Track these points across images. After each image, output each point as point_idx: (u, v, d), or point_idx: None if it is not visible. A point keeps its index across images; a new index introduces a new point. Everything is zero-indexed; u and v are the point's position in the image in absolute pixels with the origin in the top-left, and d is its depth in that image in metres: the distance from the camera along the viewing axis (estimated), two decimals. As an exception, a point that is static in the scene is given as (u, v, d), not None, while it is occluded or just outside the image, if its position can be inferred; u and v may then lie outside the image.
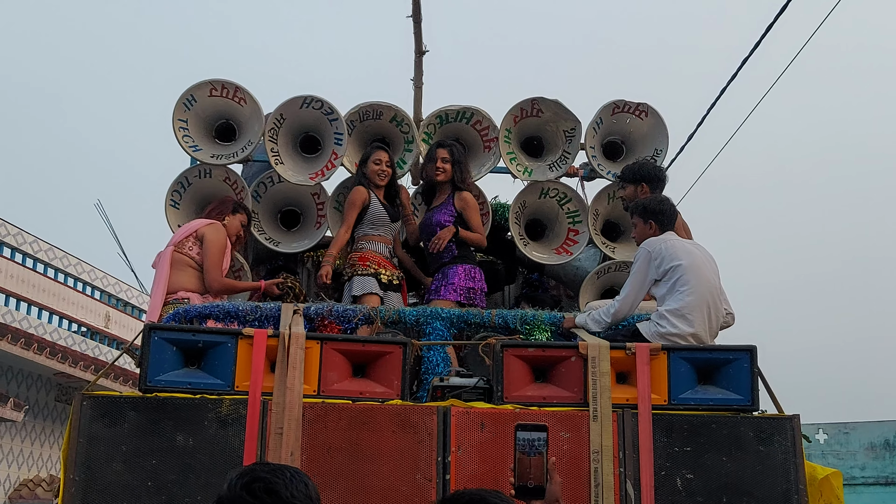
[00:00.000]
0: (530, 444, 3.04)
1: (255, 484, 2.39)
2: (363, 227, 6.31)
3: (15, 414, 17.45)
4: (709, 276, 5.17)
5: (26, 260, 21.09)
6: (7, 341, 17.51)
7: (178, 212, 6.61)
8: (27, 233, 21.14)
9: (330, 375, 4.53)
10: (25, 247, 21.06)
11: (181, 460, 4.26)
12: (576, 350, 4.65)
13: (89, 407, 4.30)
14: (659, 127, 6.86)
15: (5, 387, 19.11)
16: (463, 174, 6.38)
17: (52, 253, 22.01)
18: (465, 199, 6.30)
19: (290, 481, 2.39)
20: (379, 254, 6.27)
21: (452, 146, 6.42)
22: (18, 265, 20.45)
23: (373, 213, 6.31)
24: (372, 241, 6.30)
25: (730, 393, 4.65)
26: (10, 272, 19.86)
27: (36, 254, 21.38)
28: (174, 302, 5.73)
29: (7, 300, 19.65)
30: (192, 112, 6.53)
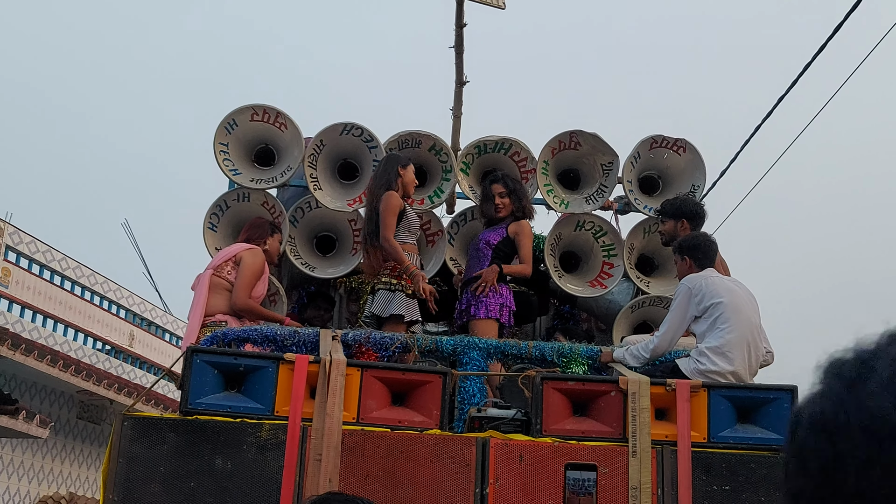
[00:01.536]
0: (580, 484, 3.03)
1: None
2: (399, 235, 6.09)
3: (41, 430, 17.49)
4: (749, 314, 5.15)
5: (54, 277, 21.19)
6: (33, 357, 17.59)
7: (215, 234, 6.65)
8: (56, 250, 21.26)
9: (369, 403, 4.53)
10: (54, 264, 21.18)
11: (219, 484, 4.26)
12: (616, 385, 4.63)
13: (130, 427, 4.32)
14: (696, 163, 6.86)
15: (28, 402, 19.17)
16: (522, 202, 6.37)
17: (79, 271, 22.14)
18: (520, 226, 6.29)
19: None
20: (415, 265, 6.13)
21: (505, 178, 6.42)
22: (46, 282, 20.55)
23: (410, 220, 6.16)
24: (407, 251, 6.12)
25: (769, 432, 4.62)
26: (37, 289, 19.97)
27: (64, 271, 21.48)
28: (211, 325, 5.75)
29: (34, 317, 19.76)
30: (233, 136, 6.58)
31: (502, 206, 6.34)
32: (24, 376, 19.12)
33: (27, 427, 17.13)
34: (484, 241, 6.29)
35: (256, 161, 6.78)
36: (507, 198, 6.34)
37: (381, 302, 5.95)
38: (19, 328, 18.84)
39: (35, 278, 20.14)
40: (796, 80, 8.47)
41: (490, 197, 6.39)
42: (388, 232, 5.99)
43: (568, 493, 3.08)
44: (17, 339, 17.69)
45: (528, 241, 6.31)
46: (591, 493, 3.05)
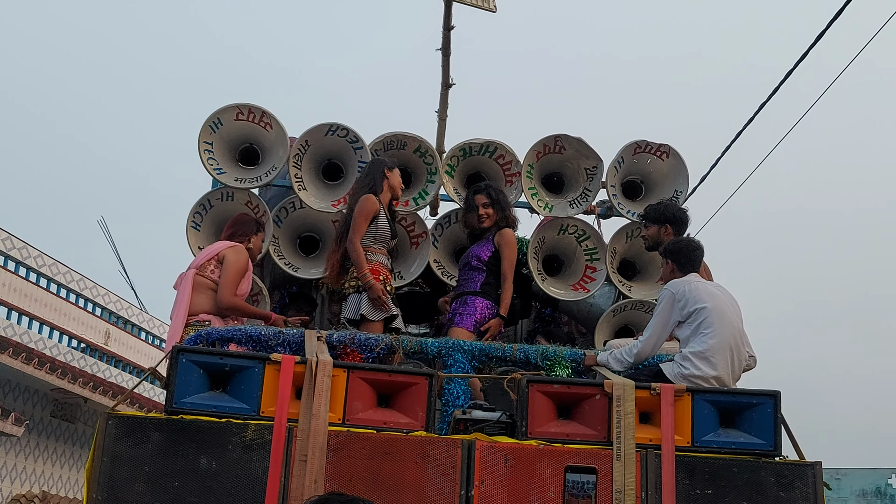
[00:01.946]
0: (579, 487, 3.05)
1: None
2: (365, 240, 6.08)
3: (15, 429, 17.37)
4: (732, 318, 5.19)
5: (30, 274, 21.02)
6: (8, 355, 17.45)
7: (198, 234, 6.63)
8: (32, 247, 21.09)
9: (355, 404, 4.53)
10: (30, 261, 21.00)
11: (203, 483, 4.25)
12: (601, 388, 4.66)
13: (114, 426, 4.29)
14: (679, 168, 6.91)
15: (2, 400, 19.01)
16: (505, 211, 6.41)
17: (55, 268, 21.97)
18: (503, 236, 6.33)
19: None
20: (384, 266, 6.16)
21: (489, 188, 6.45)
22: (22, 279, 20.38)
23: (379, 228, 6.12)
24: (374, 252, 6.13)
25: (752, 437, 4.66)
26: (13, 286, 19.80)
27: (40, 268, 21.31)
28: (195, 324, 5.72)
29: (9, 314, 19.58)
30: (218, 135, 6.57)
31: (486, 217, 6.38)
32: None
33: (2, 425, 17.02)
34: (475, 256, 6.34)
35: (241, 160, 6.77)
36: (490, 208, 6.37)
37: (351, 305, 6.01)
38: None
39: (10, 275, 19.97)
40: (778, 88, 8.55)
41: (474, 208, 6.42)
42: (355, 236, 6.01)
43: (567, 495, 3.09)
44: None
45: (512, 252, 6.36)
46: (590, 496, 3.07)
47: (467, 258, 6.42)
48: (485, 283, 6.28)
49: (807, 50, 7.76)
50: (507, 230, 6.37)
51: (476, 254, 6.34)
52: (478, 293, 6.24)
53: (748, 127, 9.01)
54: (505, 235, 6.34)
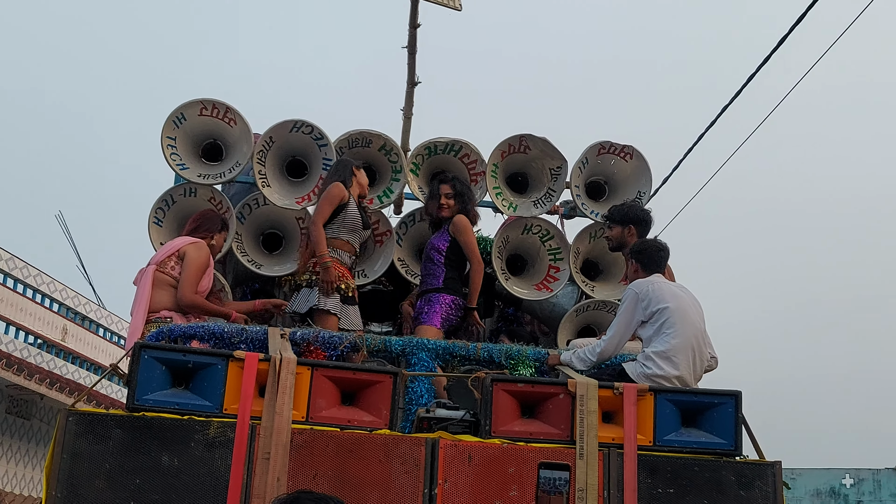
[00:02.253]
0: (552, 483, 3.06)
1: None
2: (334, 229, 6.10)
3: (-32, 425, 17.11)
4: (695, 319, 5.24)
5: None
6: (-37, 351, 17.21)
7: (160, 229, 6.57)
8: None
9: (319, 402, 4.51)
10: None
11: (165, 481, 4.21)
12: (564, 387, 4.68)
13: (74, 423, 4.25)
14: (643, 170, 6.95)
15: (-45, 397, 18.76)
16: (467, 205, 6.41)
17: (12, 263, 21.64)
18: (456, 224, 6.33)
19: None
20: (343, 264, 6.16)
21: (454, 180, 6.47)
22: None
23: (349, 216, 6.14)
24: (338, 248, 6.14)
25: (713, 437, 4.70)
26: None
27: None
28: (156, 321, 5.68)
29: (-35, 310, 19.33)
30: (181, 130, 6.52)
31: (446, 207, 6.39)
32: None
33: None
34: (434, 248, 6.35)
35: (204, 156, 6.72)
36: (452, 199, 6.38)
37: (302, 298, 6.04)
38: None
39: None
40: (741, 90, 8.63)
41: (436, 195, 6.43)
42: (317, 217, 6.03)
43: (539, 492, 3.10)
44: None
45: (469, 235, 6.36)
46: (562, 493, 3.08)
47: (427, 250, 6.44)
48: (447, 277, 6.28)
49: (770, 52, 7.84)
50: (459, 217, 6.35)
51: (435, 245, 6.36)
52: (441, 289, 6.24)
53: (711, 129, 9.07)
54: (456, 223, 6.34)
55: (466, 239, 6.32)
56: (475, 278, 6.31)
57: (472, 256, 6.32)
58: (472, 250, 6.32)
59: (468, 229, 6.35)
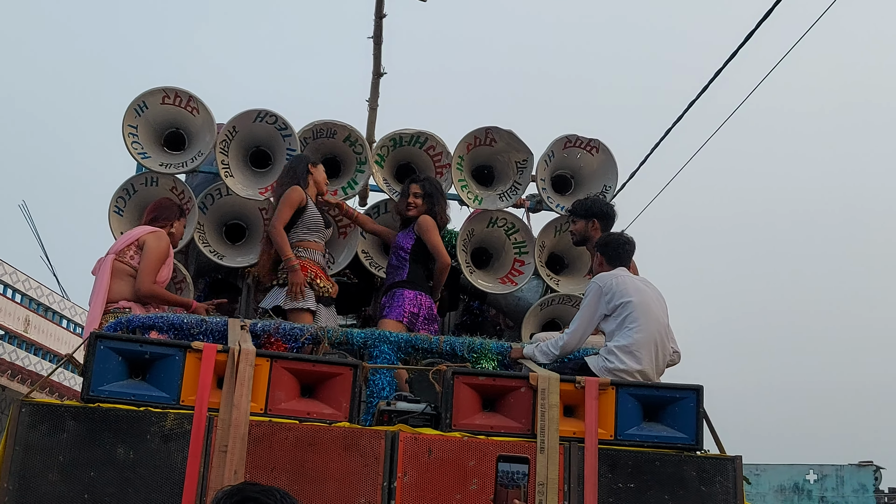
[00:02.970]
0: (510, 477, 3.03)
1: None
2: (298, 232, 6.09)
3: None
4: (658, 313, 5.23)
5: (-54, 259, 20.56)
6: (-79, 342, 17.00)
7: (121, 219, 6.48)
8: (-52, 231, 20.58)
9: (278, 394, 4.47)
10: (-55, 245, 20.51)
11: (121, 474, 4.16)
12: (526, 381, 4.66)
13: (27, 414, 4.18)
14: (609, 164, 6.93)
15: (-86, 388, 18.54)
16: (434, 207, 6.35)
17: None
18: (420, 224, 6.27)
19: (281, 502, 2.32)
20: (316, 263, 6.14)
21: (425, 181, 6.43)
22: (-63, 264, 19.94)
23: (310, 217, 6.11)
24: (308, 248, 6.12)
25: (675, 431, 4.70)
26: (-73, 271, 19.34)
27: (-44, 253, 20.83)
28: (115, 311, 5.59)
29: (-77, 300, 19.11)
30: (143, 119, 6.42)
31: (413, 206, 6.34)
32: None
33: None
34: (399, 246, 6.31)
35: (166, 145, 6.63)
36: (420, 199, 6.33)
37: (270, 296, 6.03)
38: None
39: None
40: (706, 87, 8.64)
41: (406, 194, 6.39)
42: (277, 222, 6.01)
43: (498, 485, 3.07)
44: None
45: (432, 233, 6.29)
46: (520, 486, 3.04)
47: (393, 247, 6.39)
48: (411, 272, 6.24)
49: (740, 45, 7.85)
50: (424, 217, 6.31)
51: (400, 243, 6.33)
52: (405, 283, 6.19)
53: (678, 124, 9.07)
54: (421, 223, 6.29)
55: (430, 237, 6.27)
56: (440, 276, 6.27)
57: (437, 255, 6.28)
58: (438, 250, 6.28)
59: (432, 229, 6.30)
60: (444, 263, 6.28)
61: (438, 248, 6.27)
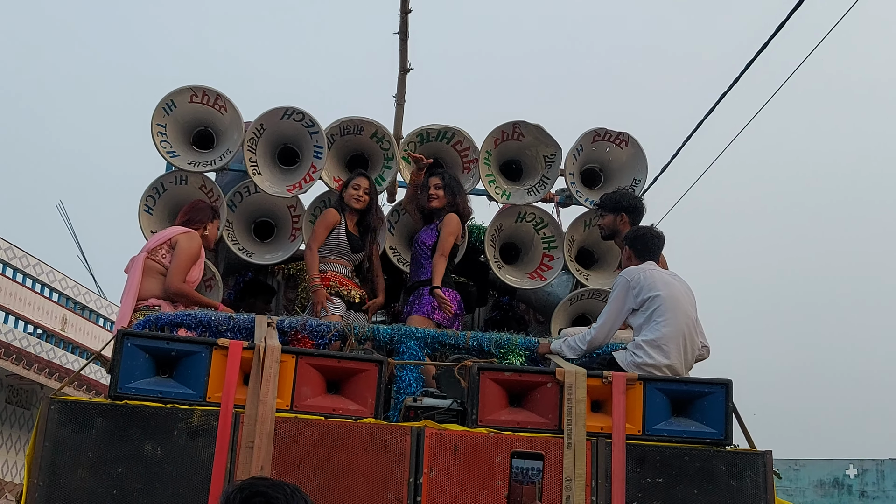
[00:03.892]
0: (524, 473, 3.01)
1: (256, 499, 2.32)
2: (322, 251, 6.30)
3: (-37, 414, 17.14)
4: (686, 308, 5.18)
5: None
6: (-39, 341, 17.22)
7: (151, 217, 6.53)
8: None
9: (304, 390, 4.48)
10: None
11: (148, 470, 4.19)
12: (552, 376, 4.63)
13: (57, 411, 4.22)
14: (638, 157, 6.89)
15: (-45, 385, 18.78)
16: (456, 198, 6.36)
17: (11, 252, 21.65)
18: (444, 221, 6.28)
19: (291, 497, 2.32)
20: (339, 273, 6.30)
21: (444, 173, 6.44)
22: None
23: (336, 240, 6.32)
24: (330, 262, 6.32)
25: (703, 426, 4.66)
26: (-33, 271, 19.58)
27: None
28: (144, 309, 5.64)
29: (-37, 299, 19.33)
30: (171, 118, 6.46)
31: (436, 197, 6.34)
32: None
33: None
34: (422, 243, 6.32)
35: (195, 144, 6.67)
36: (441, 190, 6.33)
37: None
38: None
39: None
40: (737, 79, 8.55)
41: (426, 187, 6.39)
42: (311, 241, 6.32)
43: (512, 481, 3.06)
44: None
45: (448, 232, 6.26)
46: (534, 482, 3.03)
47: (415, 244, 6.40)
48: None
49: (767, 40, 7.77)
50: (450, 215, 6.31)
51: (423, 240, 6.33)
52: (429, 281, 6.18)
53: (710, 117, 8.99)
54: (447, 221, 6.30)
55: (445, 233, 6.25)
56: (438, 266, 6.21)
57: (440, 249, 6.24)
58: (444, 245, 6.23)
59: (452, 227, 6.28)
60: (441, 258, 6.22)
61: (445, 245, 6.23)
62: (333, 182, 6.67)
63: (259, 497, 2.31)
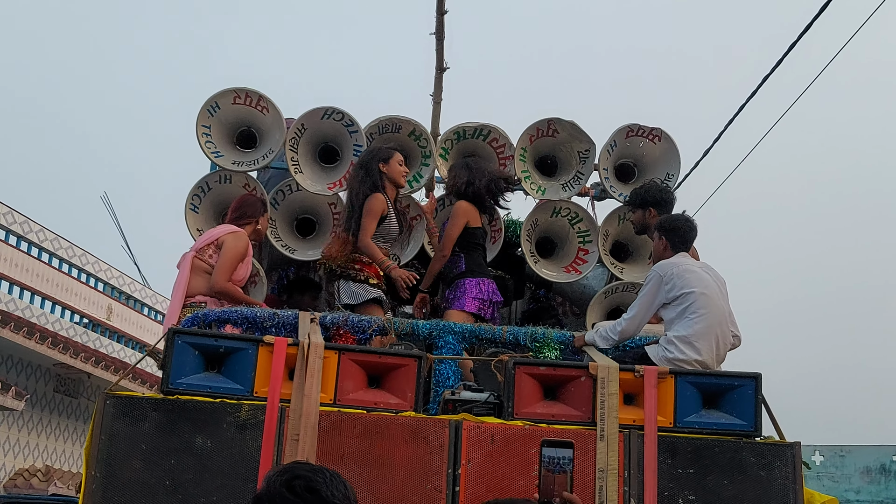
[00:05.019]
0: (555, 462, 3.15)
1: (296, 482, 2.41)
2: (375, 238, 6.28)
3: (16, 403, 17.52)
4: (719, 302, 5.30)
5: (31, 249, 21.08)
6: (10, 330, 17.56)
7: (197, 215, 6.73)
8: (34, 221, 21.11)
9: (346, 385, 4.65)
10: (31, 236, 21.03)
11: (199, 461, 4.38)
12: (586, 370, 4.77)
13: (112, 406, 4.42)
14: (671, 152, 6.98)
15: (4, 375, 19.14)
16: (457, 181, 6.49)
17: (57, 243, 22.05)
18: (451, 208, 6.50)
19: (331, 481, 2.43)
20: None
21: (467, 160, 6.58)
22: (24, 254, 20.45)
23: (388, 227, 6.31)
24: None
25: (733, 418, 4.77)
26: (15, 261, 19.90)
27: (41, 243, 21.37)
28: (191, 305, 5.84)
29: (11, 288, 19.69)
30: (216, 118, 6.66)
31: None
32: (1, 348, 19.05)
33: (2, 399, 17.10)
34: None
35: (238, 143, 6.86)
36: None
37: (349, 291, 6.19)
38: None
39: (12, 250, 20.07)
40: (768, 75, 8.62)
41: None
42: (364, 234, 6.16)
43: (543, 470, 3.19)
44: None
45: (452, 224, 6.37)
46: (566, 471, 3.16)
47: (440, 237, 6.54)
48: (468, 260, 6.36)
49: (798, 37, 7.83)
50: (458, 202, 6.44)
51: None
52: (465, 273, 6.33)
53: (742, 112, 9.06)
54: (453, 208, 6.46)
55: (448, 225, 6.39)
56: (434, 265, 6.38)
57: (441, 245, 6.39)
58: (445, 242, 6.36)
59: (458, 217, 6.38)
60: (440, 253, 6.37)
61: (448, 238, 6.36)
62: None
63: (299, 480, 2.41)
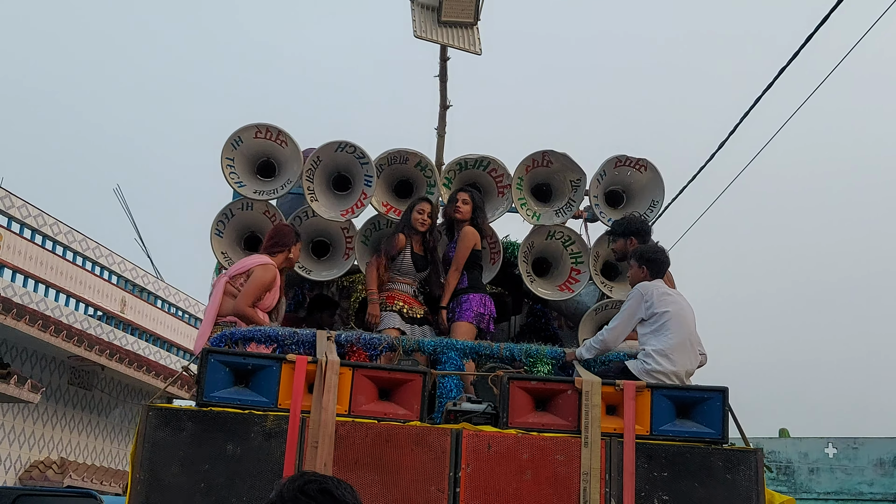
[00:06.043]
0: None
1: (309, 486, 2.68)
2: (390, 272, 7.13)
3: (32, 395, 17.71)
4: (689, 323, 5.96)
5: (45, 242, 21.12)
6: (24, 322, 17.75)
7: (221, 240, 7.33)
8: (48, 214, 21.15)
9: (359, 398, 5.26)
10: (45, 228, 21.06)
11: (230, 467, 4.99)
12: (572, 384, 5.38)
13: (154, 417, 5.04)
14: (656, 180, 7.57)
15: (19, 367, 19.31)
16: (478, 217, 7.19)
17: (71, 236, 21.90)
18: (461, 234, 7.15)
19: (339, 485, 2.75)
20: (404, 292, 7.13)
21: (473, 192, 7.24)
22: (37, 246, 20.53)
23: (401, 263, 7.12)
24: (397, 282, 7.16)
25: (703, 427, 5.38)
26: (29, 254, 19.98)
27: (55, 236, 21.40)
28: (223, 324, 6.45)
29: (25, 281, 19.81)
30: (238, 151, 7.25)
31: (459, 211, 7.19)
32: (16, 341, 19.28)
33: (18, 392, 17.30)
34: (447, 256, 7.16)
35: (259, 173, 7.45)
36: (468, 205, 7.15)
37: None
38: (10, 293, 18.91)
39: (27, 242, 20.14)
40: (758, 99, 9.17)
41: (455, 200, 7.25)
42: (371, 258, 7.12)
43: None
44: (9, 303, 17.83)
45: (463, 245, 7.10)
46: None
47: (445, 261, 7.26)
48: (471, 279, 7.04)
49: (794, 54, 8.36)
50: (467, 227, 7.15)
51: (450, 256, 7.17)
52: (469, 289, 6.97)
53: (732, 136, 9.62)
54: (462, 233, 7.15)
55: (461, 246, 7.10)
56: (450, 281, 7.07)
57: (455, 263, 7.08)
58: (459, 258, 7.07)
59: (468, 239, 7.10)
60: (455, 272, 7.07)
61: (460, 257, 7.07)
62: (382, 207, 7.42)
63: (313, 484, 2.70)
